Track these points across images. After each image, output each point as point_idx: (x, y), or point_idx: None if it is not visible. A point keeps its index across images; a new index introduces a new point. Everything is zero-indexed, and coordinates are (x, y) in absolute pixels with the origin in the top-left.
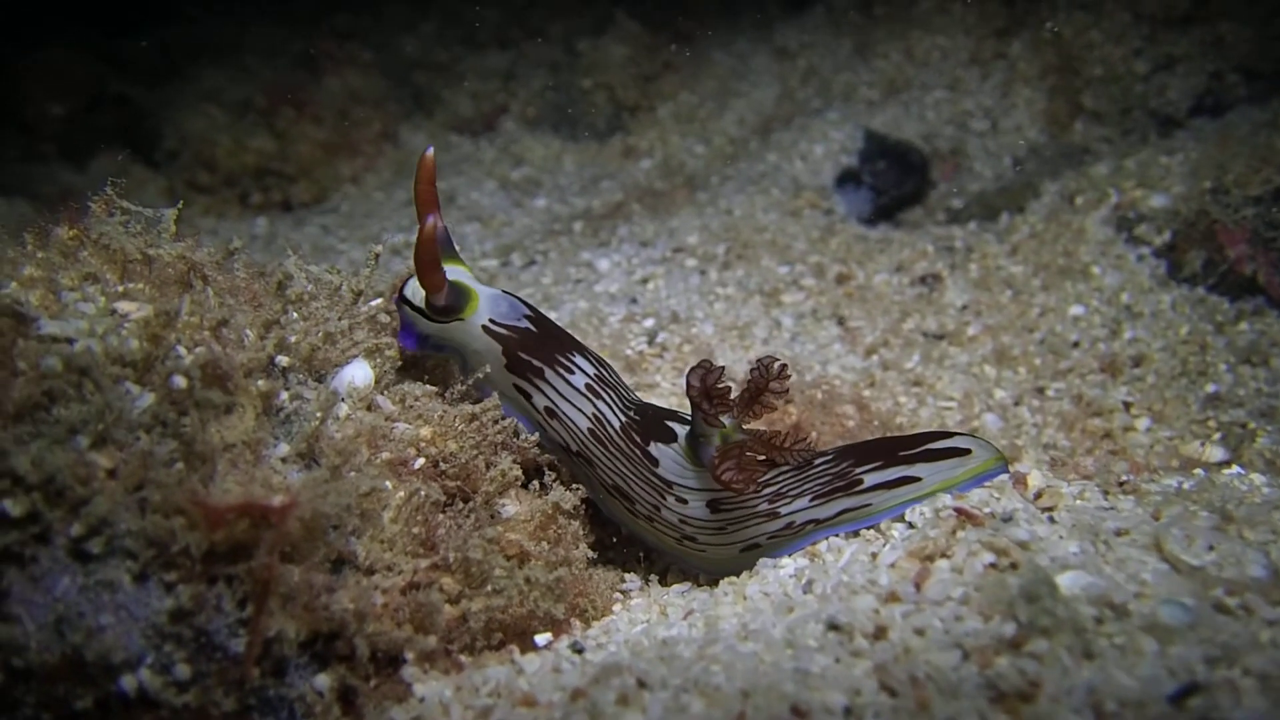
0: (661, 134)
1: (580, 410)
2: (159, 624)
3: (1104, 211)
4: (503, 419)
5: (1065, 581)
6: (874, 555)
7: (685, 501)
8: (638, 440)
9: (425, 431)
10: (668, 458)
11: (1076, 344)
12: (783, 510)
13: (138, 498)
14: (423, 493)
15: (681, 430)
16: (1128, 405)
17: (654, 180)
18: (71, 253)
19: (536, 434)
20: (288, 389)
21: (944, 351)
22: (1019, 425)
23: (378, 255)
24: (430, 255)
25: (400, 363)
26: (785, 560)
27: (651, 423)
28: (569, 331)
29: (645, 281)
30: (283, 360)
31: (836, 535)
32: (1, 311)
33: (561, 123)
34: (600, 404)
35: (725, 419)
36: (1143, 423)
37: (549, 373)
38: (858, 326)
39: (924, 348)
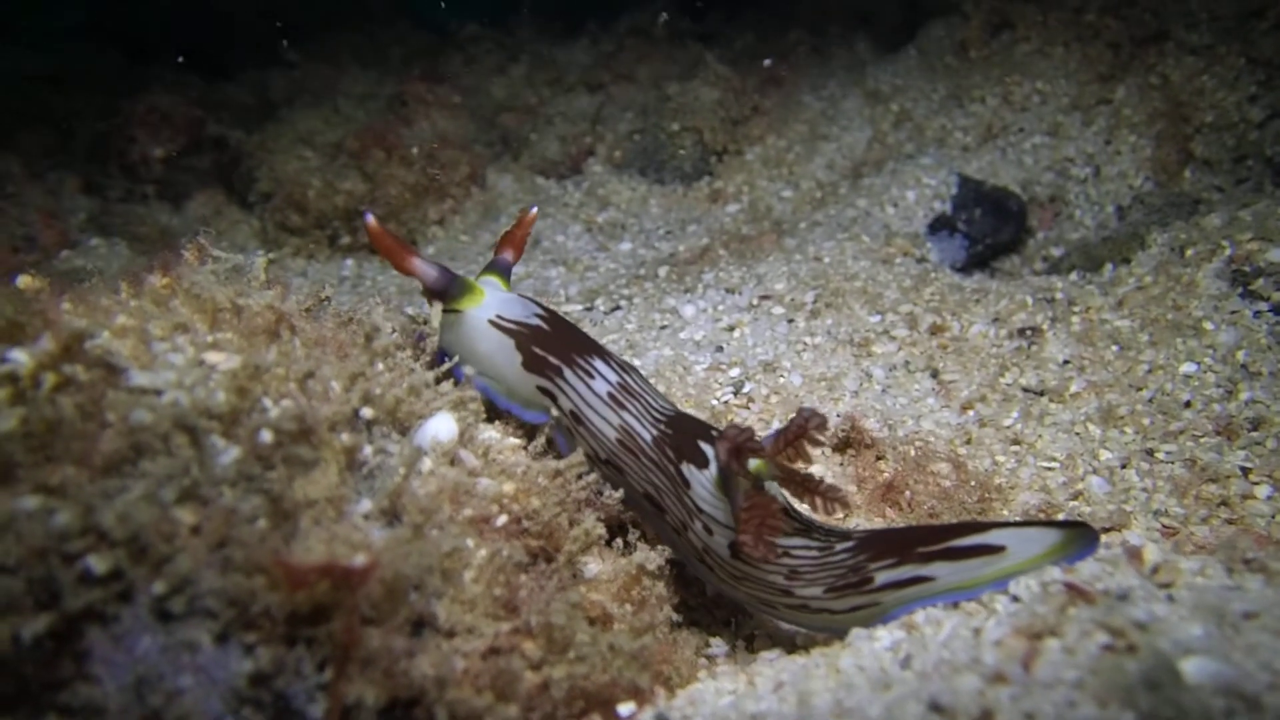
0: (749, 178)
1: (606, 421)
2: (238, 687)
3: (1217, 264)
4: (587, 474)
5: (1190, 668)
6: (977, 631)
7: (711, 533)
8: (671, 457)
9: (508, 487)
10: (699, 483)
11: (1189, 404)
12: (797, 591)
13: (220, 556)
14: (505, 552)
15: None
16: (1246, 471)
17: (741, 225)
18: (164, 301)
19: (621, 491)
20: (371, 443)
21: (1045, 408)
22: (1127, 489)
23: None
24: (383, 246)
25: (484, 415)
26: (880, 632)
27: (685, 441)
28: (599, 342)
29: (731, 329)
30: (367, 413)
31: (935, 606)
32: (93, 363)
33: (648, 166)
34: (626, 415)
35: (752, 461)
36: (1263, 490)
37: (568, 372)
38: (953, 380)
39: (1023, 404)
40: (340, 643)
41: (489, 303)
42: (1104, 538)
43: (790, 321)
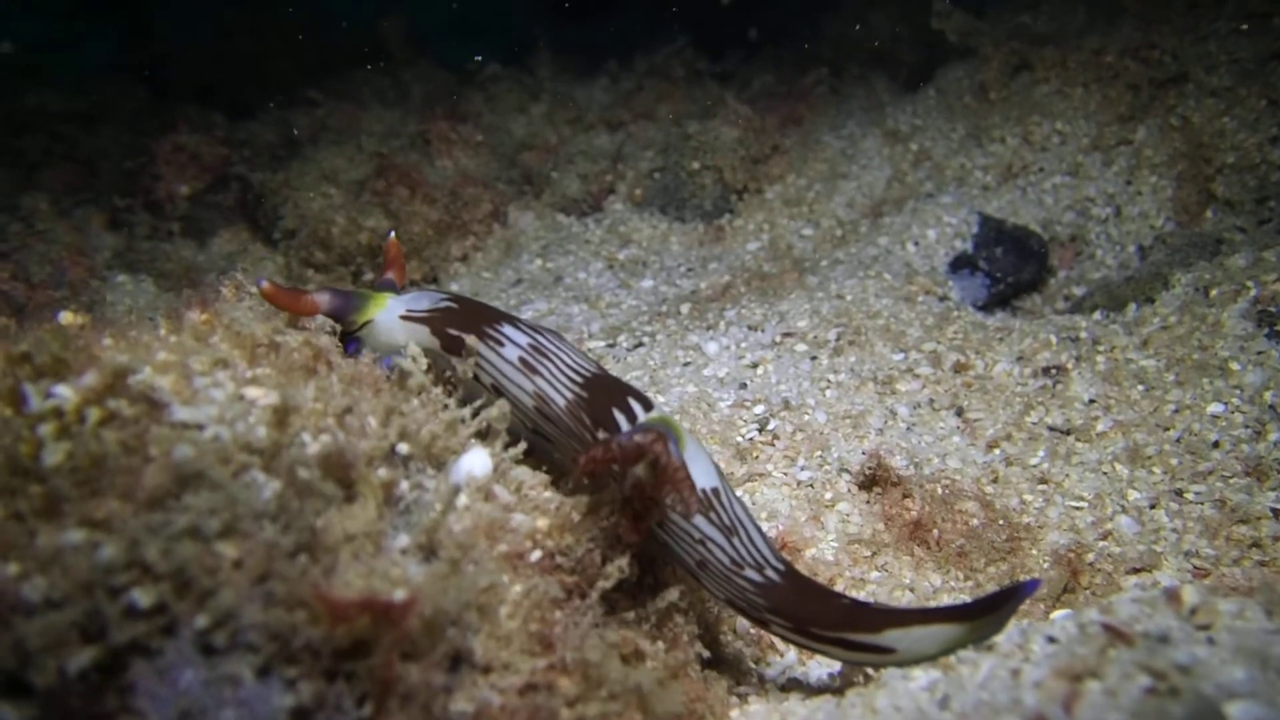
0: (769, 216)
1: (521, 389)
2: None
3: (1243, 305)
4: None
5: (1236, 713)
6: (1015, 672)
7: None
8: (586, 423)
9: (542, 523)
10: None
11: (1217, 444)
12: (703, 580)
13: (262, 590)
14: (540, 588)
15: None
16: (1277, 513)
17: (762, 263)
18: (204, 337)
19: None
20: (408, 478)
21: (1071, 448)
22: (1157, 530)
23: None
24: (281, 303)
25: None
26: (916, 671)
27: (599, 408)
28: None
29: (755, 366)
30: (404, 448)
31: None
32: (137, 398)
33: (669, 204)
34: (539, 380)
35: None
36: None
37: (480, 346)
38: (978, 418)
39: (1050, 443)
40: (380, 678)
41: (393, 303)
42: (1134, 577)
43: (814, 359)
